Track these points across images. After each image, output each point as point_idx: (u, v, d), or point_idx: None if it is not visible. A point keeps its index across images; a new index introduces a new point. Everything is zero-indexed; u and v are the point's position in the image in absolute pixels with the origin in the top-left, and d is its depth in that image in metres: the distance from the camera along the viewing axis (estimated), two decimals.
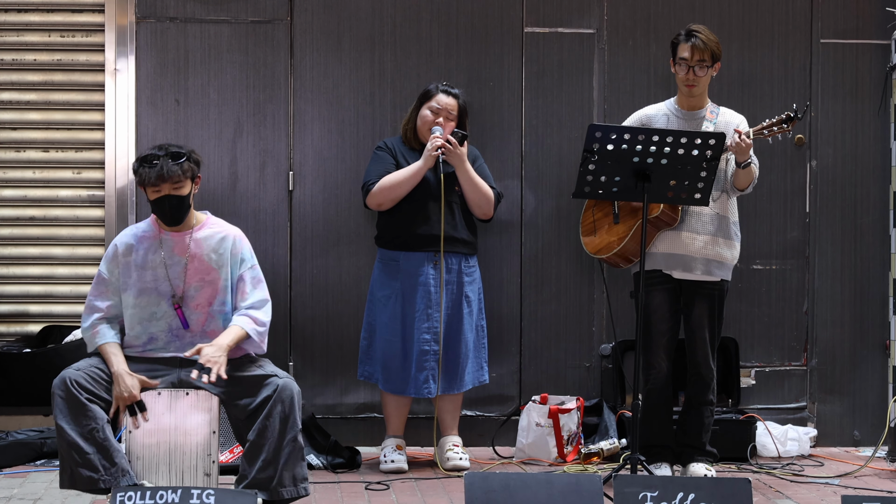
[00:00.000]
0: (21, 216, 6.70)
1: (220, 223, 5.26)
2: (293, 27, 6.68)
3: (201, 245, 5.16)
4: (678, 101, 5.94)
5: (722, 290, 5.90)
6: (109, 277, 5.14)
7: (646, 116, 5.98)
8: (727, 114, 5.91)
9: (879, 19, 6.82)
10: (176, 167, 5.02)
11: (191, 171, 5.08)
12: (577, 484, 4.54)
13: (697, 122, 5.86)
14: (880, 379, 6.86)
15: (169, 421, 4.95)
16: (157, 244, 5.14)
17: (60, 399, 4.86)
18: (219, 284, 5.14)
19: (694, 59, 5.77)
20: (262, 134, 6.68)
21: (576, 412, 6.41)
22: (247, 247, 5.25)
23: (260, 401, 4.94)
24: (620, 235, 5.86)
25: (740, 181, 5.75)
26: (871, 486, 5.91)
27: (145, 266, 5.12)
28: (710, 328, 5.88)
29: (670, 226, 5.80)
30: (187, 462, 4.94)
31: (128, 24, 6.62)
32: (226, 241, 5.19)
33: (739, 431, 6.40)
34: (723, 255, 5.85)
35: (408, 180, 6.07)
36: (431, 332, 6.07)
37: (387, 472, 6.10)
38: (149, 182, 5.03)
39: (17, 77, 6.69)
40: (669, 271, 5.86)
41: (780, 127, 5.66)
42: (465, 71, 6.70)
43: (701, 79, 5.80)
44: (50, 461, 6.12)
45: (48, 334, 6.59)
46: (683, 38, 5.80)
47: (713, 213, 5.83)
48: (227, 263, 5.17)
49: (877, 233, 6.86)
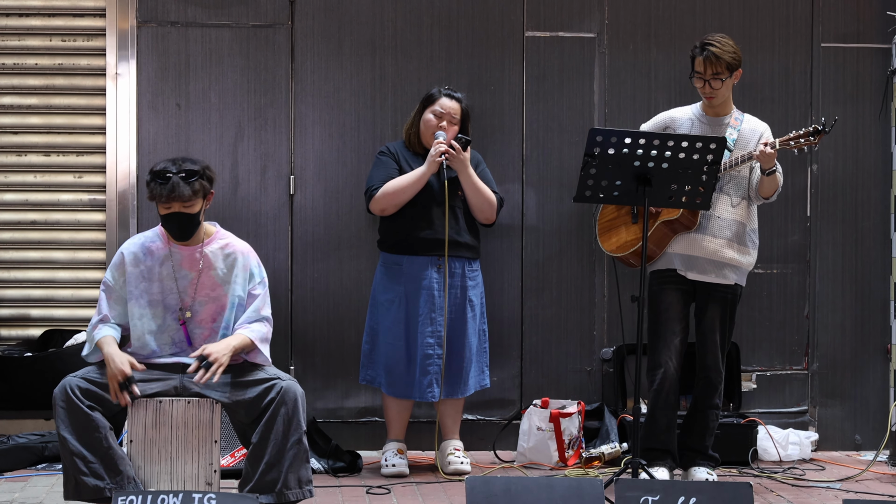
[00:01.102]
0: (22, 220, 6.70)
1: (228, 237, 5.23)
2: (294, 31, 6.69)
3: (210, 260, 5.13)
4: (703, 107, 5.94)
5: (735, 294, 5.90)
6: (114, 285, 5.13)
7: (671, 119, 5.98)
8: (752, 121, 5.92)
9: (880, 23, 6.82)
10: (187, 188, 4.98)
11: (203, 189, 5.05)
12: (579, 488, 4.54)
13: (722, 128, 5.87)
14: (882, 383, 6.86)
15: (170, 430, 4.94)
16: (165, 256, 5.12)
17: (62, 409, 4.85)
18: (224, 301, 5.13)
19: (708, 73, 5.76)
20: (263, 138, 6.68)
21: (577, 416, 6.41)
22: (254, 263, 5.21)
23: (264, 404, 4.94)
24: (638, 235, 5.85)
25: (765, 189, 5.76)
26: (872, 490, 5.91)
27: (152, 278, 5.10)
28: (722, 332, 5.88)
29: (689, 229, 5.80)
30: (189, 472, 4.93)
31: (129, 28, 6.62)
32: (235, 259, 5.16)
33: (741, 435, 6.40)
34: (737, 259, 5.85)
35: (411, 186, 6.07)
36: (435, 336, 6.07)
37: (388, 477, 6.10)
38: (160, 199, 5.00)
39: (19, 81, 6.70)
40: (684, 272, 5.86)
41: (808, 139, 5.66)
42: (465, 75, 6.71)
43: (718, 91, 5.79)
44: (51, 465, 6.12)
45: (49, 338, 6.59)
46: (698, 51, 5.78)
47: (732, 219, 5.82)
48: (233, 282, 5.14)
49: (878, 236, 6.86)
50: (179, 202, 4.99)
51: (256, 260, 5.23)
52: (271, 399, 4.93)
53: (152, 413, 4.95)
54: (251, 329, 5.10)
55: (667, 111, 6.06)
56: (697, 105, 5.97)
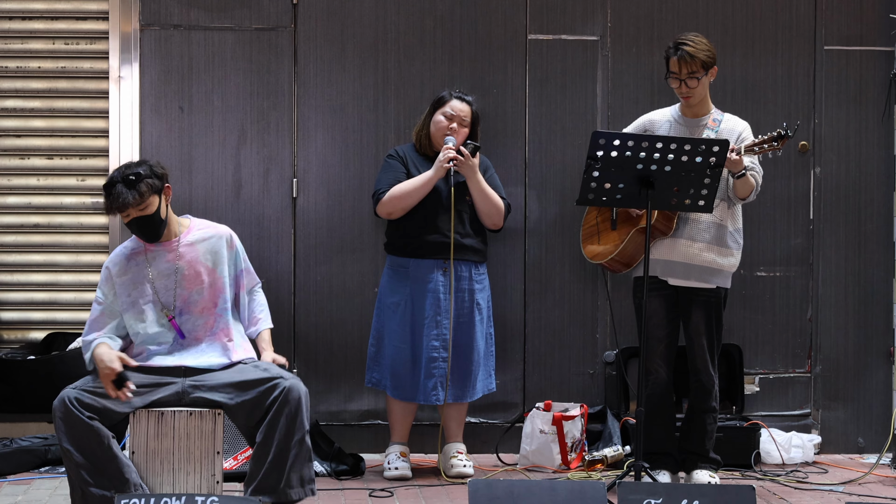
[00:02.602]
0: (25, 223, 6.71)
1: (205, 224, 5.29)
2: (297, 34, 6.69)
3: (193, 250, 5.18)
4: (681, 109, 5.94)
5: (719, 297, 5.88)
6: (104, 300, 5.15)
7: (649, 122, 5.98)
8: (731, 120, 5.91)
9: (883, 26, 6.82)
10: (132, 192, 4.99)
11: (150, 188, 5.04)
12: (581, 491, 4.54)
13: (700, 129, 5.86)
14: (884, 386, 6.86)
15: (172, 441, 4.93)
16: (145, 260, 5.15)
17: (62, 421, 4.83)
18: (219, 283, 5.18)
19: (683, 72, 5.76)
20: (265, 141, 6.69)
21: (580, 419, 6.41)
22: (237, 240, 5.32)
23: (268, 403, 4.94)
24: (616, 242, 5.87)
25: (739, 191, 5.74)
26: (875, 493, 5.90)
27: (136, 283, 5.13)
28: (709, 336, 5.87)
29: (665, 234, 5.80)
30: (191, 482, 4.92)
31: (132, 31, 6.63)
32: (219, 241, 5.23)
33: (743, 438, 6.40)
34: (718, 262, 5.83)
35: (418, 190, 6.08)
36: (440, 340, 6.07)
37: (391, 480, 6.10)
38: (111, 211, 5.06)
39: (22, 84, 6.70)
40: (665, 278, 5.86)
41: (771, 145, 5.65)
42: (468, 78, 6.71)
43: (694, 90, 5.79)
44: (54, 468, 6.13)
45: (52, 341, 6.59)
46: (672, 51, 5.78)
47: (710, 221, 5.81)
48: (223, 261, 5.20)
49: (881, 239, 6.86)
50: (132, 208, 5.02)
51: (236, 237, 5.31)
52: (274, 398, 4.93)
53: (154, 424, 4.94)
54: (262, 320, 5.35)
55: (646, 114, 6.06)
56: (675, 107, 5.97)
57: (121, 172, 5.05)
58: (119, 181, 5.00)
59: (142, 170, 5.05)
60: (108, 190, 5.02)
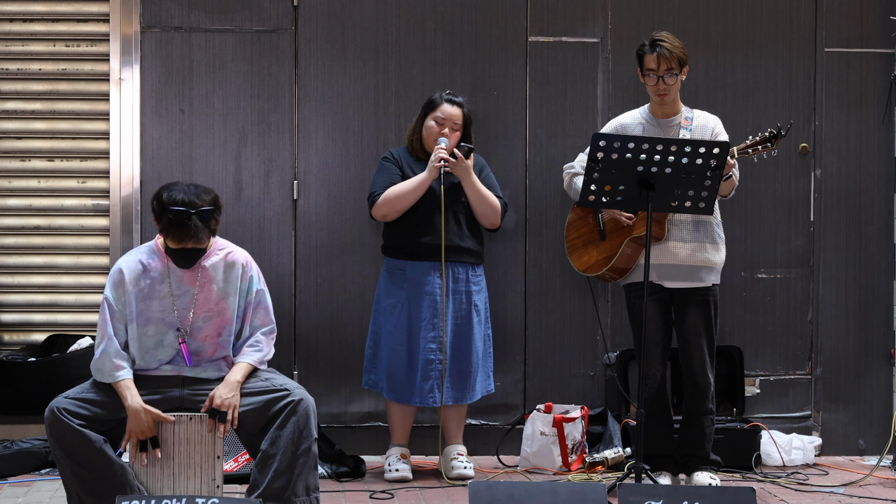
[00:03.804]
0: (26, 225, 6.71)
1: (226, 246, 5.11)
2: (297, 37, 6.70)
3: (210, 274, 5.02)
4: (651, 110, 5.93)
5: (714, 294, 5.89)
6: (115, 303, 4.98)
7: (621, 126, 5.98)
8: (702, 116, 5.91)
9: (883, 28, 6.82)
10: (206, 230, 4.89)
11: (217, 223, 4.96)
12: (582, 493, 4.55)
13: (673, 129, 5.86)
14: (885, 388, 6.85)
15: (172, 446, 4.91)
16: (163, 274, 5.00)
17: (53, 431, 4.78)
18: (227, 314, 5.04)
19: (661, 68, 5.76)
20: (266, 143, 6.69)
21: (580, 421, 6.40)
22: (255, 271, 5.12)
23: (273, 412, 4.89)
24: (608, 253, 5.87)
25: (722, 190, 5.75)
26: (875, 495, 5.90)
27: (152, 296, 4.98)
28: (708, 336, 5.87)
29: (658, 240, 5.80)
30: (191, 487, 4.91)
31: (132, 33, 6.63)
32: (234, 269, 5.06)
33: (744, 440, 6.40)
34: (711, 259, 5.85)
35: (412, 192, 6.08)
36: (437, 342, 6.08)
37: (391, 481, 6.10)
38: (174, 238, 4.90)
39: (22, 86, 6.71)
40: (662, 281, 5.86)
41: (764, 146, 5.66)
42: (469, 80, 6.71)
43: (671, 87, 5.79)
44: (55, 470, 6.11)
45: (53, 343, 6.59)
46: (648, 48, 5.79)
47: (694, 219, 5.82)
48: (234, 292, 5.05)
49: (881, 241, 6.86)
50: (194, 241, 4.91)
51: (256, 269, 5.13)
52: (281, 408, 4.88)
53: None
54: (247, 354, 5.04)
55: (616, 118, 6.07)
56: (644, 108, 5.97)
57: (189, 199, 4.85)
58: (194, 214, 4.86)
59: (213, 206, 4.91)
60: (177, 215, 4.84)
